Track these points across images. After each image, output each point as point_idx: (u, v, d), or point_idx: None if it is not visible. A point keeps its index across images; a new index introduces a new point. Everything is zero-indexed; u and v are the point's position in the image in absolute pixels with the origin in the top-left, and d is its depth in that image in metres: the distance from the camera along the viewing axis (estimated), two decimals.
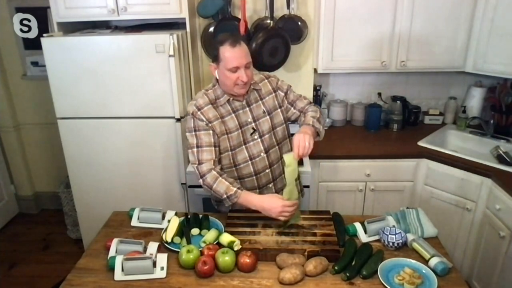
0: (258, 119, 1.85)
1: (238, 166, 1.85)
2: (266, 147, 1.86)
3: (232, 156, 1.83)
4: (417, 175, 2.59)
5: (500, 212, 2.18)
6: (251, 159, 1.84)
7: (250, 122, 1.83)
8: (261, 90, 1.87)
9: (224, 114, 1.81)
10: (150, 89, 2.38)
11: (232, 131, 1.81)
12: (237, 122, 1.81)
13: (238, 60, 1.67)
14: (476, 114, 2.85)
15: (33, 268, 2.94)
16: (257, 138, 1.84)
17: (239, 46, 1.67)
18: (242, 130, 1.82)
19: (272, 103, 1.88)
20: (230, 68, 1.68)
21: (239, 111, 1.82)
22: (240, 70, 1.69)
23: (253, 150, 1.84)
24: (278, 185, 1.94)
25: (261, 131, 1.85)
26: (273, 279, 1.48)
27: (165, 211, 1.87)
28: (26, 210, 3.63)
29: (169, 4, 2.38)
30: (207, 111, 1.78)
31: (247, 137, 1.83)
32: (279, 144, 1.90)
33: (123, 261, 1.49)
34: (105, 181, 2.61)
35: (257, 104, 1.85)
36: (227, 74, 1.70)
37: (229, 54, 1.67)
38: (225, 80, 1.73)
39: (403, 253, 1.61)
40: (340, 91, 3.08)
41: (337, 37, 2.59)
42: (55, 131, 2.58)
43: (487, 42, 2.49)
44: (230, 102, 1.81)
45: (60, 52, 2.33)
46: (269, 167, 1.88)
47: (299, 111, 1.93)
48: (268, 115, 1.86)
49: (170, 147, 2.48)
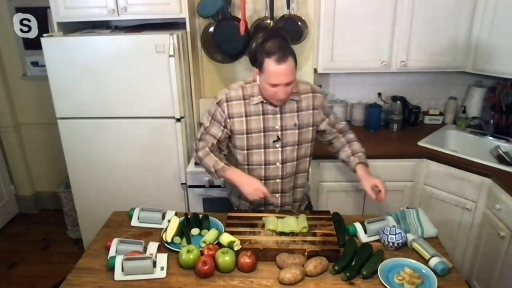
0: (286, 130, 1.80)
1: (250, 166, 1.84)
2: (285, 158, 1.83)
3: (247, 155, 1.82)
4: (417, 175, 2.59)
5: (500, 212, 2.18)
6: (265, 164, 1.83)
7: (277, 129, 1.79)
8: (301, 102, 1.81)
9: (252, 112, 1.77)
10: (150, 89, 2.38)
11: (254, 132, 1.78)
12: (262, 125, 1.78)
13: (280, 78, 1.62)
14: (476, 114, 2.85)
15: (33, 268, 2.94)
16: (278, 146, 1.81)
17: (284, 64, 1.60)
18: (265, 134, 1.79)
19: (307, 119, 1.82)
20: (270, 84, 1.64)
21: (269, 115, 1.78)
22: (280, 86, 1.64)
23: (271, 157, 1.82)
24: (285, 199, 1.93)
25: (285, 142, 1.81)
26: (273, 279, 1.48)
27: (165, 211, 1.87)
28: (26, 210, 3.63)
29: (169, 4, 2.38)
30: (233, 106, 1.76)
31: (269, 142, 1.80)
32: (298, 160, 1.87)
33: (123, 261, 1.49)
34: (105, 181, 2.61)
35: (291, 114, 1.79)
36: (267, 87, 1.66)
37: (273, 69, 1.60)
38: (264, 90, 1.71)
39: (403, 253, 1.61)
40: (340, 91, 3.08)
41: (337, 37, 2.59)
42: (55, 131, 2.58)
43: (487, 42, 2.49)
44: (263, 103, 1.77)
45: (60, 52, 2.33)
46: (280, 178, 1.86)
47: (339, 132, 1.95)
48: (298, 130, 1.81)
49: (170, 147, 2.48)
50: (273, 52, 1.60)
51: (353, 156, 1.90)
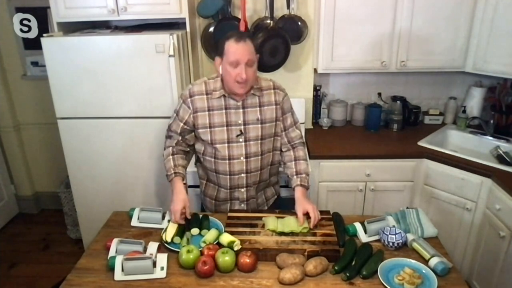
0: (248, 124, 1.83)
1: (216, 160, 1.87)
2: (248, 152, 1.85)
3: (214, 150, 1.85)
4: (417, 175, 2.59)
5: (500, 212, 2.18)
6: (229, 159, 1.85)
7: (239, 124, 1.82)
8: (263, 98, 1.85)
9: (214, 107, 1.81)
10: (150, 89, 2.38)
11: (216, 126, 1.82)
12: (225, 119, 1.82)
13: (240, 55, 1.67)
14: (476, 114, 2.85)
15: (33, 268, 2.94)
16: (242, 141, 1.84)
17: (243, 43, 1.68)
18: (228, 129, 1.82)
19: (270, 114, 1.86)
20: (231, 62, 1.68)
21: (231, 110, 1.82)
22: (240, 66, 1.68)
23: (234, 151, 1.84)
24: (250, 192, 1.94)
25: (248, 136, 1.84)
26: (273, 279, 1.48)
27: (165, 211, 1.87)
28: (26, 210, 3.63)
29: (169, 4, 2.38)
30: (196, 101, 1.81)
31: (232, 136, 1.83)
32: (263, 155, 1.89)
33: (123, 261, 1.49)
34: (105, 181, 2.61)
35: (253, 109, 1.83)
36: (228, 68, 1.70)
37: (232, 48, 1.68)
38: (226, 76, 1.73)
39: (403, 253, 1.61)
40: (340, 91, 3.08)
41: (337, 37, 2.59)
42: (55, 131, 2.58)
43: (487, 42, 2.49)
44: (225, 98, 1.81)
45: (60, 52, 2.33)
46: (245, 172, 1.88)
47: (287, 141, 1.94)
48: (261, 124, 1.84)
49: None
50: (232, 35, 1.71)
51: (296, 176, 1.89)
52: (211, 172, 1.92)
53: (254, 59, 1.72)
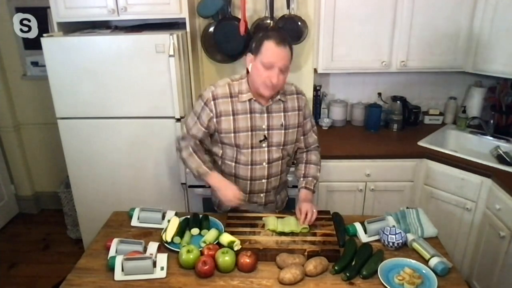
0: (273, 129, 1.78)
1: (237, 164, 1.82)
2: (271, 158, 1.82)
3: (236, 153, 1.80)
4: (417, 175, 2.59)
5: (500, 212, 2.18)
6: (251, 164, 1.81)
7: (264, 129, 1.77)
8: (287, 103, 1.80)
9: (239, 111, 1.74)
10: (150, 89, 2.38)
11: (241, 131, 1.76)
12: (249, 123, 1.75)
13: (276, 59, 1.60)
14: (476, 114, 2.85)
15: (33, 268, 2.94)
16: (265, 146, 1.79)
17: (283, 47, 1.60)
18: (252, 134, 1.77)
19: (293, 120, 1.81)
20: (265, 63, 1.60)
21: (256, 114, 1.75)
22: (274, 69, 1.61)
23: (257, 156, 1.80)
24: (269, 197, 1.93)
25: (271, 141, 1.80)
26: (273, 279, 1.48)
27: (165, 211, 1.87)
28: (26, 210, 3.63)
29: (169, 4, 2.38)
30: (220, 104, 1.72)
31: (255, 142, 1.78)
32: (283, 159, 1.87)
33: (123, 261, 1.49)
34: (105, 181, 2.61)
35: (277, 114, 1.78)
36: (260, 68, 1.62)
37: (271, 50, 1.60)
38: (256, 76, 1.65)
39: (403, 253, 1.61)
40: (340, 91, 3.08)
41: (337, 37, 2.59)
42: (55, 131, 2.58)
43: (487, 42, 2.49)
44: (251, 101, 1.74)
45: (60, 52, 2.33)
46: (266, 178, 1.85)
47: (305, 146, 1.94)
48: (284, 130, 1.80)
49: (170, 147, 2.48)
50: (273, 36, 1.61)
51: (303, 178, 1.90)
52: (229, 176, 1.85)
53: (289, 66, 1.66)
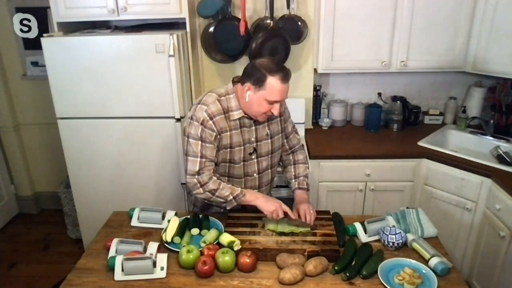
0: (260, 141, 1.80)
1: (231, 179, 1.83)
2: (261, 168, 1.85)
3: (229, 167, 1.81)
4: (417, 175, 2.59)
5: (500, 212, 2.18)
6: (245, 177, 1.84)
7: (252, 141, 1.78)
8: None
9: (232, 127, 1.72)
10: (150, 89, 2.38)
11: (235, 146, 1.76)
12: (241, 138, 1.76)
13: (283, 96, 1.62)
14: (476, 114, 2.85)
15: (33, 268, 2.94)
16: (254, 158, 1.82)
17: (287, 83, 1.61)
18: (244, 148, 1.78)
19: (276, 127, 1.84)
20: (271, 101, 1.61)
21: (246, 128, 1.76)
22: (277, 104, 1.64)
23: (249, 169, 1.83)
24: None
25: (260, 152, 1.82)
26: (273, 279, 1.48)
27: (165, 211, 1.87)
28: (26, 210, 3.63)
29: (169, 4, 2.38)
30: (219, 121, 1.68)
31: (246, 155, 1.80)
32: (272, 168, 1.90)
33: (123, 261, 1.49)
34: (105, 181, 2.61)
35: (263, 125, 1.79)
36: (263, 103, 1.62)
37: (278, 88, 1.59)
38: (256, 106, 1.64)
39: (403, 253, 1.61)
40: (340, 91, 3.08)
41: (337, 37, 2.59)
42: (55, 131, 2.58)
43: (487, 42, 2.49)
44: (241, 118, 1.73)
45: (60, 52, 2.33)
46: (257, 188, 1.88)
47: (289, 148, 1.96)
48: (270, 139, 1.82)
49: (170, 147, 2.48)
50: (275, 70, 1.58)
51: (294, 180, 1.92)
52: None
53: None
